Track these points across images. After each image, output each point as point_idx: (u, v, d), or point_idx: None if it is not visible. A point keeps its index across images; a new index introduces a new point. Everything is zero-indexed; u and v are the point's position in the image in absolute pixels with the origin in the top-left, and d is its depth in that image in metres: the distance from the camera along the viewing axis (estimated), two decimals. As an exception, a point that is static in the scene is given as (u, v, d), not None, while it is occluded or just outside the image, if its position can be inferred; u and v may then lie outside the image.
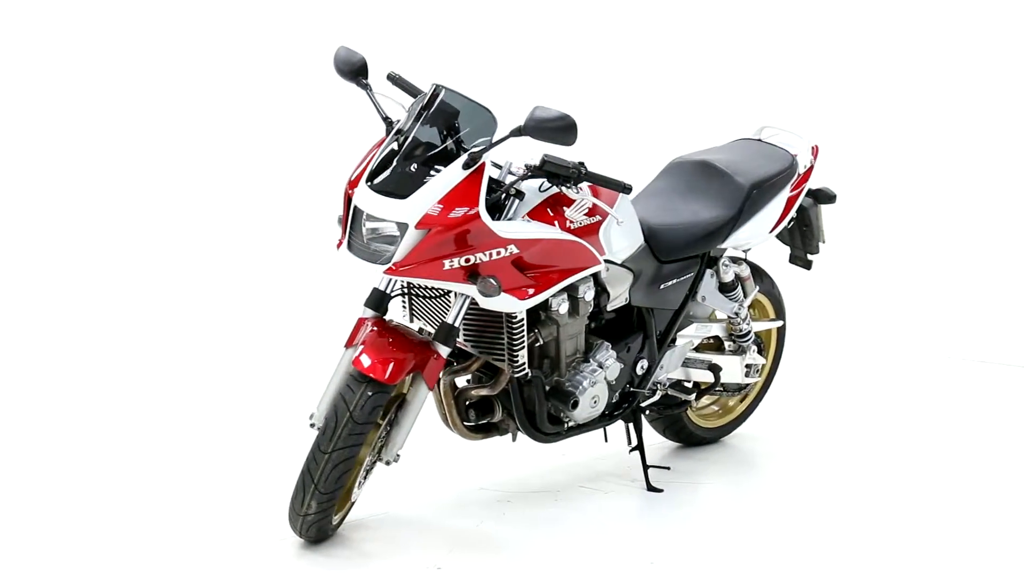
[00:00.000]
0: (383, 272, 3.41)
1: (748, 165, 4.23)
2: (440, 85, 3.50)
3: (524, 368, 3.66)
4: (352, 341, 3.54)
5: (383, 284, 3.63)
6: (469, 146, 3.44)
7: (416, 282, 3.54)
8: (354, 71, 3.66)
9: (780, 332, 4.55)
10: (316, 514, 3.52)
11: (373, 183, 3.41)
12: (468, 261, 3.43)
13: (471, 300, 3.53)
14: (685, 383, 4.30)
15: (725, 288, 4.22)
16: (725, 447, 4.51)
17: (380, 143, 3.52)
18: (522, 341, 3.63)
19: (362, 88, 3.67)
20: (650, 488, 4.08)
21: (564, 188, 3.54)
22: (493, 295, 3.44)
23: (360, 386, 3.44)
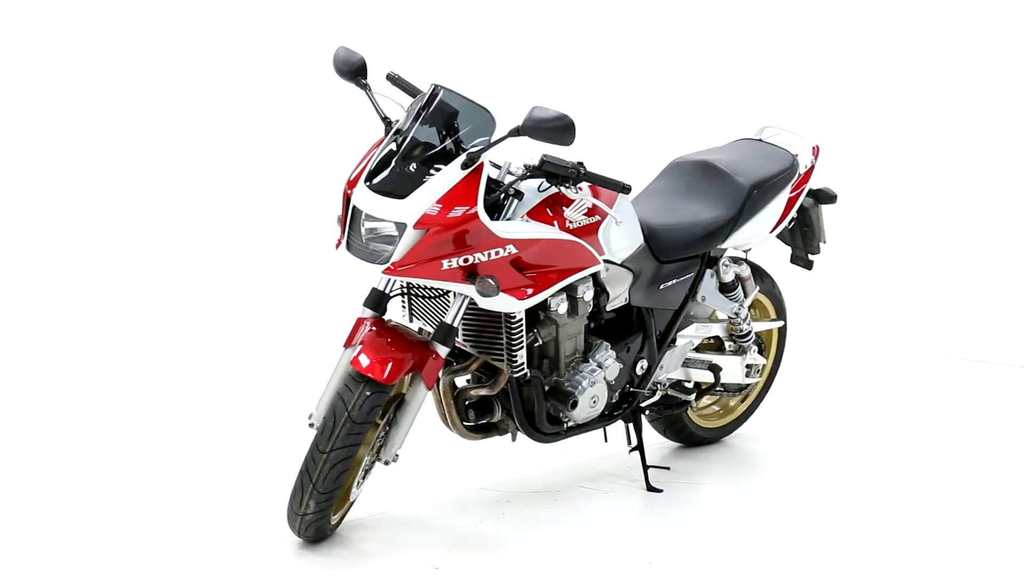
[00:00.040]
0: (382, 272, 3.41)
1: (748, 165, 4.22)
2: (439, 85, 3.49)
3: (523, 368, 3.66)
4: (351, 341, 3.54)
5: (382, 284, 3.63)
6: (468, 146, 3.44)
7: (415, 282, 3.53)
8: (353, 71, 3.66)
9: (781, 332, 4.54)
10: (314, 514, 3.52)
11: (372, 183, 3.41)
12: (467, 261, 3.42)
13: (470, 300, 3.52)
14: (685, 383, 4.30)
15: (725, 288, 4.22)
16: (725, 447, 4.51)
17: (379, 143, 3.52)
18: (521, 341, 3.62)
19: (361, 88, 3.67)
20: (650, 488, 4.08)
21: (563, 188, 3.53)
22: (492, 295, 3.44)
23: (358, 386, 3.43)
